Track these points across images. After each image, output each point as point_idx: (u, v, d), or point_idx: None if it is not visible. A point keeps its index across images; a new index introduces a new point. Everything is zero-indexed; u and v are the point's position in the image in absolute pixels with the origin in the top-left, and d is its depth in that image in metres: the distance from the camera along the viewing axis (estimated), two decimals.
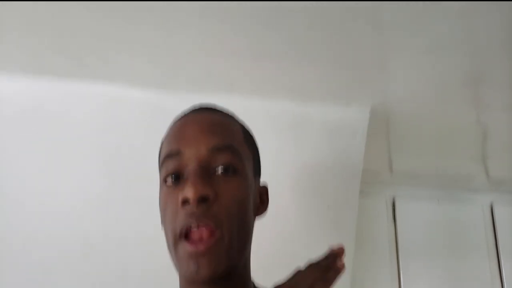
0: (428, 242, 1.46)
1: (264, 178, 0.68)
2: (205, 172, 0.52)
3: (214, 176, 0.52)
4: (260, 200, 0.62)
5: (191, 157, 0.52)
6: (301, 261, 0.73)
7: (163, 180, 0.55)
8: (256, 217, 0.61)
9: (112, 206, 0.99)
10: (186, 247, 0.50)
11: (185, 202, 0.50)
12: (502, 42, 0.86)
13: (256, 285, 0.62)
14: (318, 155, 1.09)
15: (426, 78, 0.99)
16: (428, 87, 1.03)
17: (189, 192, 0.49)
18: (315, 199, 1.08)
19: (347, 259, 1.09)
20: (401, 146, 1.32)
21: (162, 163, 0.56)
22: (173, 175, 0.53)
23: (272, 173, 0.73)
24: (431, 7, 0.75)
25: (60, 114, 1.00)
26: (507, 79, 0.99)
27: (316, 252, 0.76)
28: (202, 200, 0.49)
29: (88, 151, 1.00)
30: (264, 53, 0.89)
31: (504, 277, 1.47)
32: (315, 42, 0.86)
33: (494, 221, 1.53)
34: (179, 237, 0.50)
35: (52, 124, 0.99)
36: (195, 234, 0.50)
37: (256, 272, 0.71)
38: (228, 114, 0.61)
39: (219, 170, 0.53)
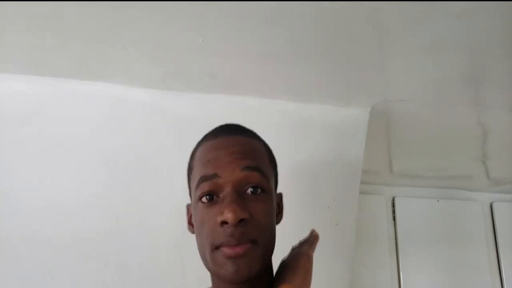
0: (427, 242, 1.47)
1: None
2: (239, 194, 0.60)
3: (245, 195, 0.61)
4: (278, 208, 0.70)
5: (227, 180, 0.60)
6: None
7: (199, 198, 0.62)
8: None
9: (112, 206, 0.99)
10: (226, 251, 0.58)
11: (224, 223, 0.58)
12: (502, 42, 0.86)
13: None
14: (318, 155, 1.09)
15: (426, 79, 0.99)
16: (428, 88, 1.03)
17: (229, 217, 0.57)
18: (315, 199, 1.08)
19: (347, 258, 1.09)
20: (401, 147, 1.32)
21: (197, 184, 0.62)
22: (208, 195, 0.61)
23: None
24: (431, 7, 0.75)
25: (60, 115, 1.00)
26: (507, 79, 0.99)
27: (316, 251, 0.76)
28: (240, 221, 0.58)
29: (89, 151, 1.00)
30: (265, 54, 0.89)
31: (504, 278, 1.47)
32: (316, 43, 0.86)
33: (494, 221, 1.53)
34: (217, 247, 0.59)
35: (52, 125, 0.99)
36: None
37: None
38: (254, 134, 0.69)
39: (249, 190, 0.61)
